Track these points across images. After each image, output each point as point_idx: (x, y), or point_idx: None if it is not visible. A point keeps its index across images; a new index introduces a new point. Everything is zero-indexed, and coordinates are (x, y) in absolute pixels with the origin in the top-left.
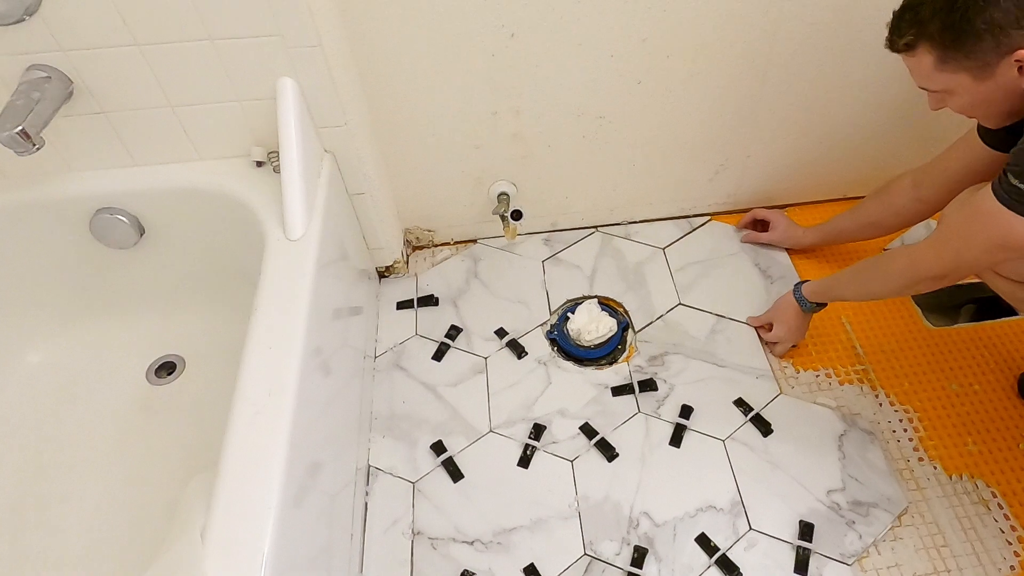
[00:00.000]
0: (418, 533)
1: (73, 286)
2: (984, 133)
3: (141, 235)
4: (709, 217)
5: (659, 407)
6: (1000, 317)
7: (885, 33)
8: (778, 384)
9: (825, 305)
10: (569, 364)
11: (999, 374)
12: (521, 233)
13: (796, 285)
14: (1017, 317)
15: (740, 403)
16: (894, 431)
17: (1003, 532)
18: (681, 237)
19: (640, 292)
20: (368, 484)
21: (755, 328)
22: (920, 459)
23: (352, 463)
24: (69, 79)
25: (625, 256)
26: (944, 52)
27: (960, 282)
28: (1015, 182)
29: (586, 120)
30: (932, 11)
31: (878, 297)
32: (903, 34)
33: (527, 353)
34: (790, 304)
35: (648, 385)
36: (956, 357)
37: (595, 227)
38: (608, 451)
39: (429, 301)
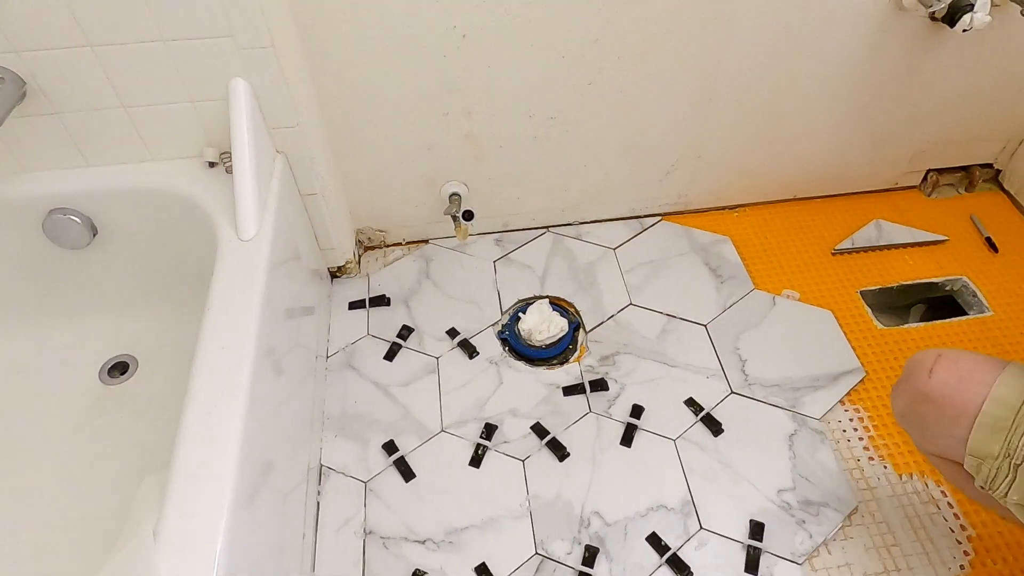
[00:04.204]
0: (370, 532)
1: (26, 286)
2: None
3: (94, 235)
4: (660, 217)
5: (610, 407)
6: (950, 317)
7: (836, 36)
8: (729, 384)
9: None
10: (520, 364)
11: None
12: (473, 233)
13: None
14: (967, 317)
15: (691, 403)
16: (844, 431)
17: (953, 531)
18: (632, 237)
19: (591, 292)
20: (320, 484)
21: None
22: (870, 459)
23: (304, 463)
24: (22, 80)
25: (576, 256)
26: None
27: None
28: None
29: (537, 121)
30: None
31: None
32: None
33: (478, 353)
34: None
35: (599, 385)
36: (907, 357)
37: (546, 227)
38: (559, 451)
39: (381, 301)
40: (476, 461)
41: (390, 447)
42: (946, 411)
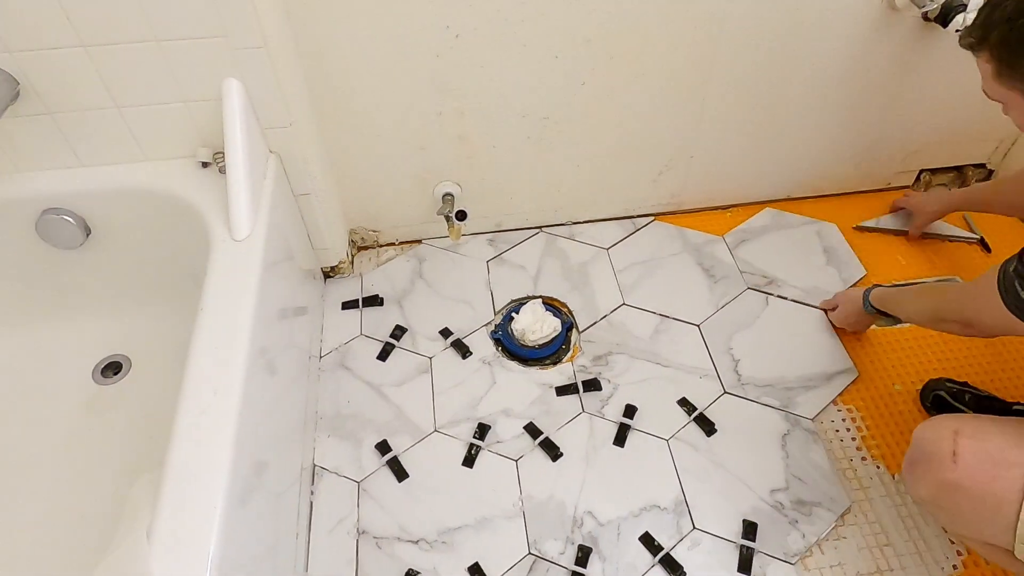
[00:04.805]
0: (363, 532)
1: (19, 286)
2: None
3: (87, 235)
4: (652, 218)
5: (603, 407)
6: None
7: (829, 36)
8: (722, 384)
9: (888, 315)
10: (513, 364)
11: (941, 373)
12: (466, 233)
13: (873, 286)
14: None
15: (684, 403)
16: (837, 431)
17: (945, 531)
18: (625, 237)
19: (584, 292)
20: (313, 484)
21: (822, 308)
22: (863, 459)
23: (297, 463)
24: (16, 80)
25: (569, 256)
26: (999, 65)
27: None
28: (1018, 285)
29: (530, 121)
30: (1000, 18)
31: (915, 322)
32: (969, 34)
33: (472, 353)
34: (855, 298)
35: (592, 385)
36: (899, 357)
37: (539, 227)
38: (552, 451)
39: (374, 301)
40: (469, 461)
41: (383, 447)
42: (984, 501)
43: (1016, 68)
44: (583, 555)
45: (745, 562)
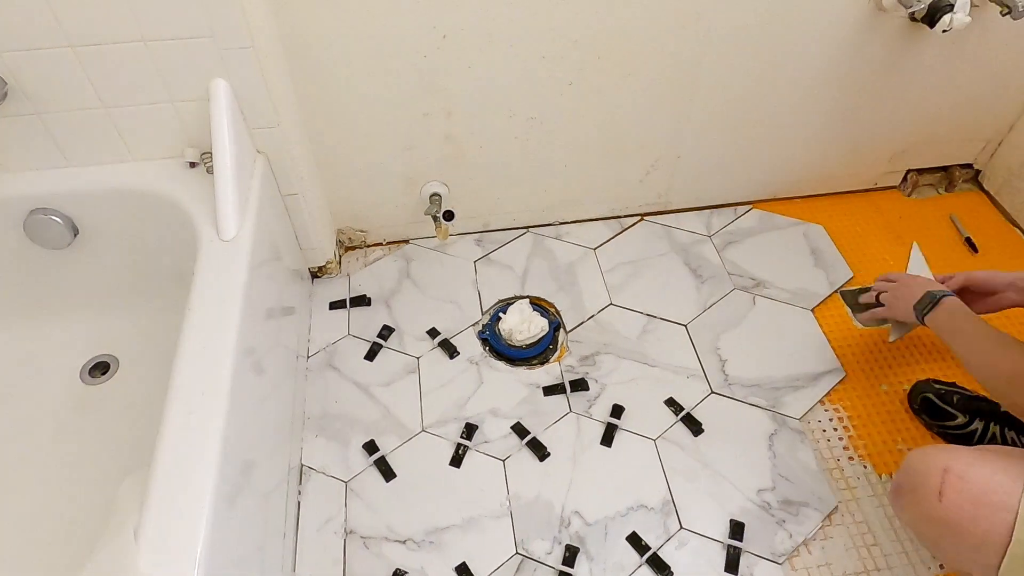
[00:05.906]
0: (350, 532)
1: (7, 286)
2: None
3: (75, 235)
4: (640, 217)
5: (590, 407)
6: None
7: (816, 36)
8: (709, 384)
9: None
10: (501, 364)
11: (928, 374)
12: (453, 233)
13: (940, 295)
14: None
15: (671, 403)
16: (824, 431)
17: None
18: (612, 237)
19: (571, 292)
20: (301, 484)
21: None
22: (850, 458)
23: (285, 463)
24: (3, 80)
25: (557, 256)
26: None
27: None
28: None
29: (518, 121)
30: None
31: (976, 378)
32: None
33: (459, 353)
34: (911, 297)
35: (579, 385)
36: (886, 357)
37: (527, 228)
38: (540, 450)
39: (361, 301)
40: (457, 461)
41: (371, 447)
42: (966, 540)
43: None
44: (570, 555)
45: (732, 562)
